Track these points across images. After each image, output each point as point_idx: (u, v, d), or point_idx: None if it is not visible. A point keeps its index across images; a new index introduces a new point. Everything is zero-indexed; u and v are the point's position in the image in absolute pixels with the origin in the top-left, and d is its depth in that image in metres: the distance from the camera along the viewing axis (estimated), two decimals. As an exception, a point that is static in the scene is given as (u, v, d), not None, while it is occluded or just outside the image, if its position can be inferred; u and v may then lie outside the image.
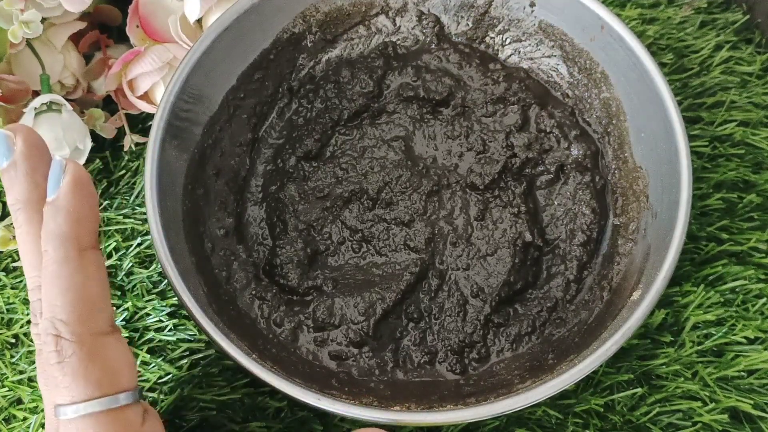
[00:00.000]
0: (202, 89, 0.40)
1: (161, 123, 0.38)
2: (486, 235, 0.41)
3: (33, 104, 0.41)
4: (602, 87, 0.42)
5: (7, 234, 0.43)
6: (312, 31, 0.44)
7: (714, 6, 0.53)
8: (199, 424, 0.41)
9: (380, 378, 0.38)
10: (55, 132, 0.42)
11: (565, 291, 0.41)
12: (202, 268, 0.38)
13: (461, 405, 0.34)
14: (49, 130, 0.41)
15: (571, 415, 0.41)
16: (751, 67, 0.51)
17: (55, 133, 0.42)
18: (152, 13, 0.43)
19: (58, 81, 0.44)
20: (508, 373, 0.38)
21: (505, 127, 0.43)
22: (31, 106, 0.41)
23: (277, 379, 0.33)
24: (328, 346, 0.39)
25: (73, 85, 0.45)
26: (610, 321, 0.36)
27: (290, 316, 0.39)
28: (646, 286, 0.35)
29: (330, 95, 0.44)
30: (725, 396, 0.41)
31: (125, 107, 0.46)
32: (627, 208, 0.41)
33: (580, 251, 0.41)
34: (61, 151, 0.42)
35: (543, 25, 0.43)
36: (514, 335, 0.40)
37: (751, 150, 0.48)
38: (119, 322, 0.43)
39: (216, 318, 0.35)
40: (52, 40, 0.43)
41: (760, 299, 0.43)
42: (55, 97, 0.42)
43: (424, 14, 0.45)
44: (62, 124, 0.42)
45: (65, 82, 0.45)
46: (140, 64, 0.43)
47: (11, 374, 0.42)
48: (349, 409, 0.33)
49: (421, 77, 0.44)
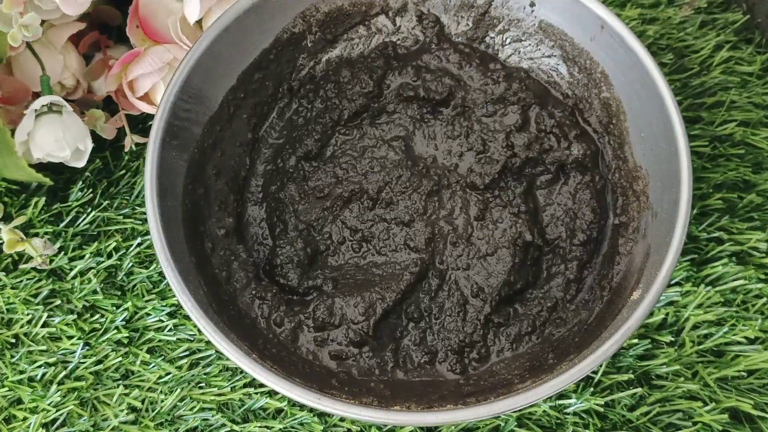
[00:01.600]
0: (202, 89, 0.40)
1: (161, 123, 0.38)
2: (486, 234, 0.41)
3: (33, 106, 0.41)
4: (602, 87, 0.42)
5: (14, 237, 0.43)
6: (312, 31, 0.44)
7: (714, 6, 0.53)
8: (199, 422, 0.41)
9: (380, 378, 0.38)
10: (56, 133, 0.42)
11: (566, 291, 0.41)
12: (202, 268, 0.38)
13: (461, 405, 0.34)
14: (49, 131, 0.41)
15: (571, 415, 0.41)
16: (751, 67, 0.51)
17: (56, 134, 0.41)
18: (152, 14, 0.43)
19: (58, 82, 0.44)
20: (508, 373, 0.38)
21: (505, 127, 0.43)
22: (32, 107, 0.41)
23: (276, 379, 0.33)
24: (328, 346, 0.39)
25: (74, 86, 0.45)
26: (610, 321, 0.36)
27: (290, 316, 0.39)
28: (646, 286, 0.35)
29: (330, 95, 0.44)
30: (725, 396, 0.41)
31: (125, 108, 0.46)
32: (627, 207, 0.41)
33: (581, 251, 0.41)
34: (62, 153, 0.42)
35: (543, 25, 0.43)
36: (514, 335, 0.40)
37: (751, 150, 0.48)
38: (119, 322, 0.43)
39: (216, 318, 0.35)
40: (52, 41, 0.43)
41: (760, 299, 0.43)
42: (55, 99, 0.42)
43: (424, 14, 0.45)
44: (63, 126, 0.42)
45: (65, 82, 0.45)
46: (140, 65, 0.43)
47: (11, 374, 0.42)
48: (349, 409, 0.33)
49: (421, 77, 0.44)
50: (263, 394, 0.41)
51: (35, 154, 0.42)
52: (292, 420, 0.41)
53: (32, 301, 0.44)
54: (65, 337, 0.43)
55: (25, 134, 0.41)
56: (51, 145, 0.41)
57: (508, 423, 0.41)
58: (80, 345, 0.42)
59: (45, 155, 0.42)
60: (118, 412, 0.41)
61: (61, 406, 0.41)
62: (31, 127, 0.41)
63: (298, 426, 0.41)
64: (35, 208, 0.45)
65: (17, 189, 0.47)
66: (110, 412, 0.41)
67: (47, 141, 0.41)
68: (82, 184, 0.46)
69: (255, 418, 0.41)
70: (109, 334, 0.43)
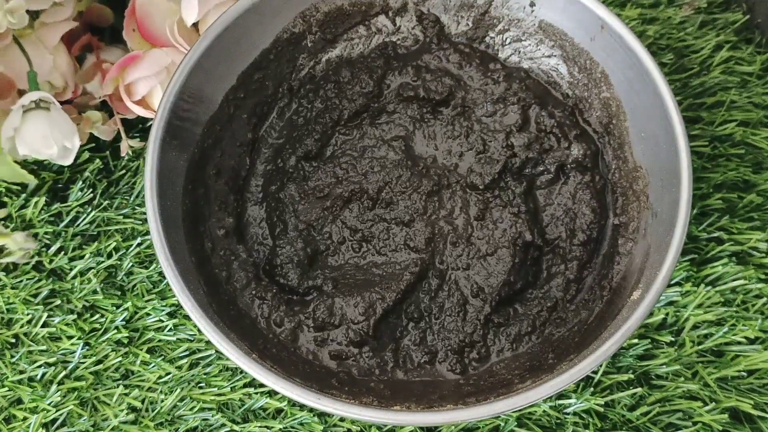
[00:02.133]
0: (202, 89, 0.40)
1: (161, 123, 0.38)
2: (486, 234, 0.41)
3: (22, 101, 0.40)
4: (602, 87, 0.42)
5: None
6: (312, 31, 0.44)
7: (714, 6, 0.53)
8: (199, 422, 0.41)
9: (380, 378, 0.38)
10: (43, 130, 0.41)
11: (565, 291, 0.41)
12: (202, 268, 0.38)
13: (461, 405, 0.34)
14: (36, 128, 0.41)
15: (571, 415, 0.41)
16: (751, 67, 0.51)
17: (43, 130, 0.41)
18: (149, 16, 0.43)
19: (47, 81, 0.43)
20: (508, 373, 0.38)
21: (505, 127, 0.43)
22: (20, 102, 0.40)
23: (276, 379, 0.33)
24: (328, 346, 0.39)
25: (63, 87, 0.44)
26: (610, 321, 0.36)
27: (290, 316, 0.39)
28: (646, 286, 0.35)
29: (330, 95, 0.44)
30: (725, 396, 0.41)
31: (121, 111, 0.45)
32: (627, 207, 0.41)
33: (580, 251, 0.41)
34: (49, 150, 0.41)
35: (543, 24, 0.43)
36: (514, 335, 0.40)
37: (751, 150, 0.48)
38: (119, 322, 0.43)
39: (216, 318, 0.35)
40: (43, 40, 0.43)
41: (760, 299, 0.43)
42: (44, 95, 0.41)
43: (424, 14, 0.45)
44: (50, 122, 0.41)
45: (54, 82, 0.44)
46: (138, 69, 0.42)
47: (11, 374, 0.42)
48: (349, 409, 0.33)
49: (421, 77, 0.44)
50: (263, 394, 0.41)
51: (21, 150, 0.41)
52: (292, 420, 0.41)
53: (32, 301, 0.44)
54: (65, 337, 0.43)
55: (11, 130, 0.40)
56: (38, 142, 0.40)
57: (508, 423, 0.41)
58: (80, 345, 0.42)
59: (31, 152, 0.41)
60: (118, 412, 0.41)
61: (61, 406, 0.41)
62: (18, 123, 0.40)
63: (298, 426, 0.41)
64: (35, 208, 0.45)
65: (17, 189, 0.47)
66: (110, 412, 0.41)
67: (34, 138, 0.40)
68: (82, 184, 0.46)
69: (255, 418, 0.41)
70: (109, 334, 0.43)
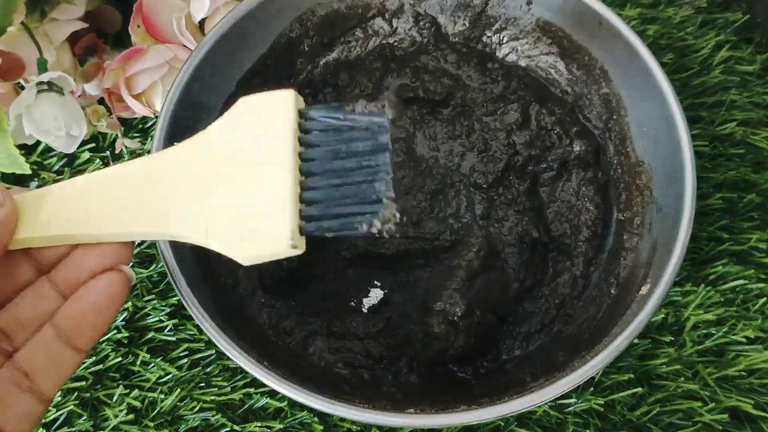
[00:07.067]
0: (202, 97, 0.40)
1: (162, 132, 0.37)
2: (492, 233, 0.41)
3: (37, 79, 0.40)
4: (601, 82, 0.42)
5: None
6: (309, 35, 0.44)
7: (714, 5, 0.53)
8: (199, 422, 0.41)
9: (393, 382, 0.38)
10: (55, 111, 0.41)
11: (572, 287, 0.40)
12: (208, 276, 0.38)
13: (475, 406, 0.33)
14: (49, 109, 0.41)
15: (571, 415, 0.41)
16: (751, 66, 0.50)
17: (55, 112, 0.41)
18: (155, 11, 0.43)
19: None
20: (519, 372, 0.37)
21: (505, 126, 0.43)
22: (34, 81, 0.40)
23: (290, 387, 0.33)
24: (341, 354, 0.39)
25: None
26: (620, 316, 0.36)
27: (301, 325, 0.39)
28: (655, 280, 0.35)
29: (329, 99, 0.44)
30: (725, 396, 0.41)
31: (118, 111, 0.45)
32: (631, 202, 0.41)
33: (586, 247, 0.41)
34: (58, 132, 0.41)
35: (540, 22, 0.43)
36: (523, 334, 0.39)
37: (751, 150, 0.48)
38: (119, 322, 0.43)
39: (224, 325, 0.35)
40: (50, 36, 0.43)
41: (760, 299, 0.43)
42: (62, 76, 0.41)
43: (420, 15, 0.45)
44: (63, 106, 0.41)
45: None
46: (141, 61, 0.42)
47: (12, 375, 0.42)
48: (363, 414, 0.32)
49: (420, 78, 0.44)
50: (263, 394, 0.41)
51: (28, 129, 0.41)
52: (293, 420, 0.41)
53: (33, 302, 0.44)
54: (66, 337, 0.43)
55: (22, 107, 0.40)
56: (48, 122, 0.41)
57: (508, 423, 0.41)
58: (81, 345, 0.43)
59: (39, 132, 0.41)
60: (118, 412, 0.41)
61: (61, 406, 0.41)
62: (31, 101, 0.40)
63: (299, 426, 0.41)
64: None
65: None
66: (110, 412, 0.41)
67: (45, 118, 0.41)
68: (84, 185, 0.47)
69: (255, 418, 0.41)
70: (109, 334, 0.43)
